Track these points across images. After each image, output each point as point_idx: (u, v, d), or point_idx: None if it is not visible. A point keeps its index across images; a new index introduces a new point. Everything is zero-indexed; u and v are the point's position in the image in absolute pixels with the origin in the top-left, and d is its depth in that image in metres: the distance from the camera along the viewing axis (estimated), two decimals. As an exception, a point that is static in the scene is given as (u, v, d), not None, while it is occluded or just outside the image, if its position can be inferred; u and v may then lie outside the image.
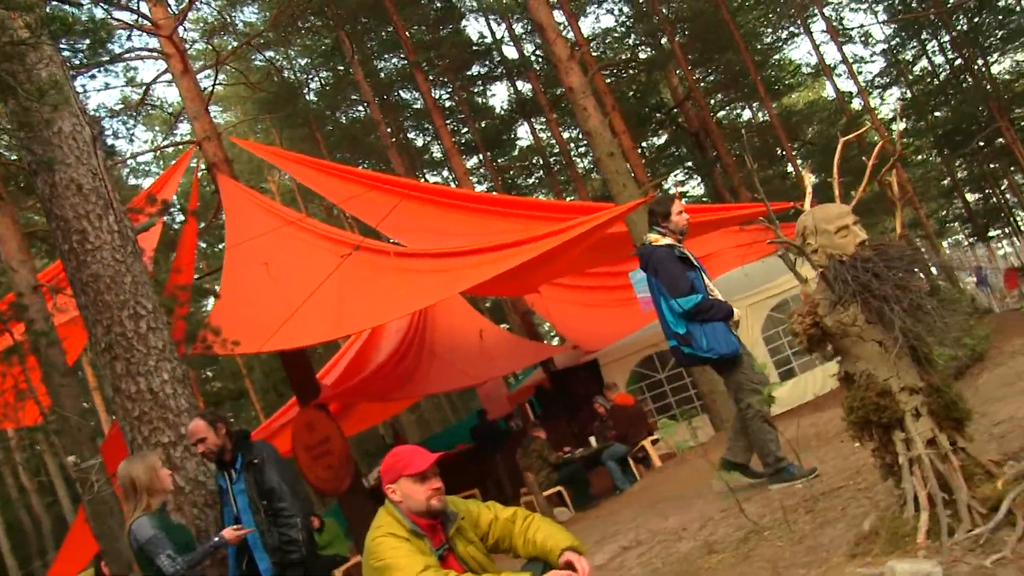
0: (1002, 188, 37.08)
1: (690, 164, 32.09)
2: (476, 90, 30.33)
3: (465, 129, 28.79)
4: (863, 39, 32.79)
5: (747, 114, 34.85)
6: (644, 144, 30.61)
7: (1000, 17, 29.26)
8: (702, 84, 27.90)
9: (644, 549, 5.26)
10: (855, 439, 3.14)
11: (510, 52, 28.21)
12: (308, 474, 9.64)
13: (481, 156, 29.43)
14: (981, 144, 31.31)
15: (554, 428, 12.82)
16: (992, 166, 34.89)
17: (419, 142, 30.91)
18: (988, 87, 29.73)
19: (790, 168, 29.23)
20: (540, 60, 25.73)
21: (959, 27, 29.65)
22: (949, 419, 2.90)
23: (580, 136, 28.39)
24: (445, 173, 31.50)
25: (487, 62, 28.67)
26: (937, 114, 32.33)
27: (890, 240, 3.21)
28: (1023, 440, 3.35)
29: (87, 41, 7.15)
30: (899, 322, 2.82)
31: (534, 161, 31.85)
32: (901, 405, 2.93)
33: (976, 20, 29.33)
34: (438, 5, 26.11)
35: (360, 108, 28.46)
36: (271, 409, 21.15)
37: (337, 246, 9.19)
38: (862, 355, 3.06)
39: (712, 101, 29.97)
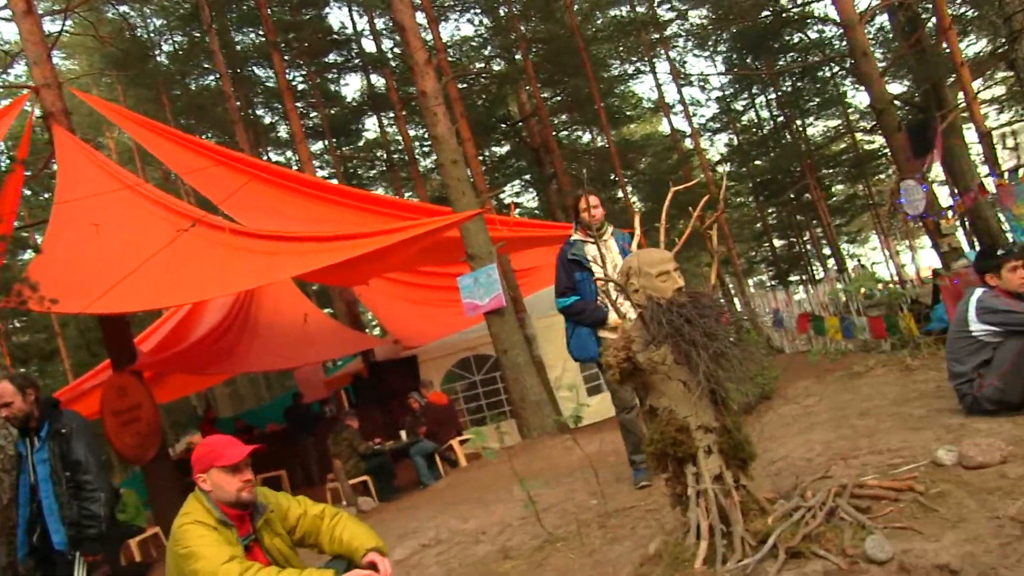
0: (804, 238, 40.16)
1: (528, 177, 32.76)
2: (330, 77, 29.83)
3: (314, 114, 28.25)
4: (701, 85, 34.67)
5: (587, 137, 36.03)
6: (486, 153, 31.03)
7: (818, 85, 31.86)
8: (548, 103, 28.55)
9: (443, 549, 5.40)
10: (652, 469, 3.39)
11: (368, 45, 27.99)
12: (114, 440, 9.29)
13: (326, 142, 28.94)
14: (791, 196, 33.88)
15: (367, 418, 12.85)
16: (799, 217, 37.77)
17: (267, 120, 30.07)
18: (803, 146, 32.29)
19: (620, 194, 30.50)
20: (396, 58, 25.64)
21: (784, 88, 32.06)
22: (736, 458, 3.18)
23: (426, 136, 28.42)
24: (289, 154, 30.75)
25: (345, 52, 28.22)
26: (757, 163, 34.74)
27: (704, 289, 3.50)
28: (795, 479, 3.71)
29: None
30: (704, 366, 3.05)
31: (378, 154, 31.57)
32: (696, 442, 3.17)
33: (799, 85, 31.80)
34: (303, -12, 25.51)
35: (211, 78, 27.28)
36: (82, 368, 19.94)
37: (174, 218, 8.88)
38: (667, 392, 3.27)
39: (556, 120, 30.71)
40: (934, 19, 18.53)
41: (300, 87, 27.44)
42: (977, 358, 4.49)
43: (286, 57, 23.72)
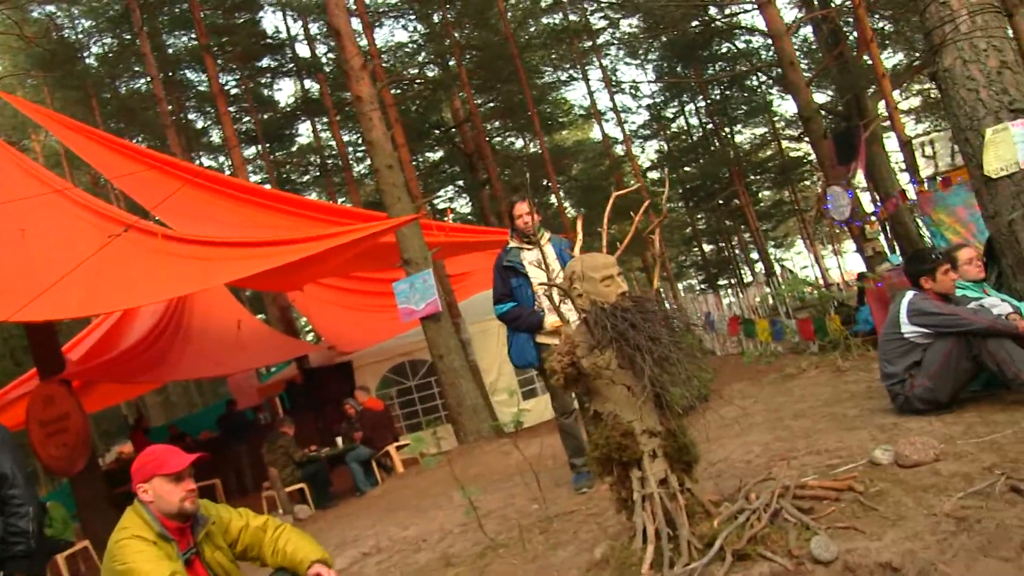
0: (733, 243, 40.98)
1: (461, 183, 32.71)
2: (263, 82, 29.38)
3: (247, 118, 27.83)
4: (632, 92, 35.10)
5: (520, 143, 36.13)
6: (419, 158, 30.90)
7: (745, 94, 32.61)
8: (482, 109, 28.57)
9: (383, 557, 5.32)
10: (597, 473, 3.38)
11: (302, 50, 27.68)
12: (40, 451, 8.98)
13: (259, 147, 28.53)
14: (720, 202, 34.56)
15: (302, 425, 12.68)
16: (727, 223, 38.52)
17: (199, 124, 29.48)
18: (731, 153, 32.97)
19: (553, 200, 30.67)
20: (330, 63, 25.40)
21: (713, 97, 32.71)
22: (681, 462, 3.20)
23: (359, 141, 28.17)
24: (222, 159, 30.14)
25: (278, 57, 27.90)
26: (687, 169, 35.36)
27: (646, 293, 3.51)
28: (737, 481, 3.75)
29: None
30: (648, 370, 3.06)
31: (311, 160, 31.17)
32: (641, 446, 3.16)
33: (727, 93, 32.50)
34: (237, -8, 25.07)
35: (142, 81, 26.75)
36: (6, 378, 19.21)
37: (105, 223, 8.60)
38: (611, 397, 3.25)
39: (489, 127, 30.73)
40: (856, 32, 19.13)
41: (233, 92, 26.99)
42: (908, 359, 4.62)
43: (219, 61, 23.29)
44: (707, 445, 5.16)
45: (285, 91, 67.59)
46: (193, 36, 24.21)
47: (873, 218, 12.31)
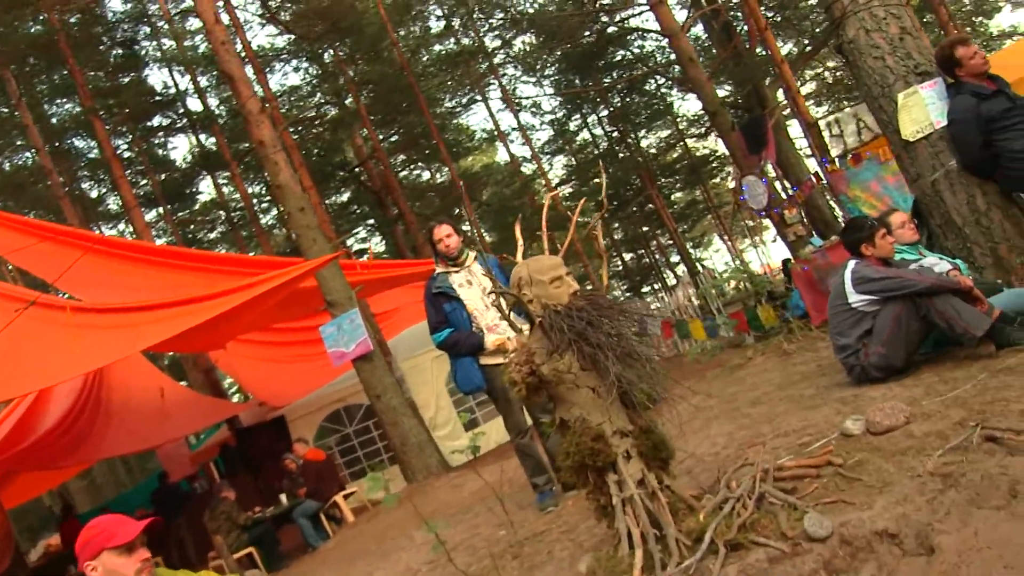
0: (652, 248, 41.52)
1: (372, 222, 32.38)
2: (157, 142, 28.57)
3: (144, 181, 26.94)
4: (533, 110, 35.33)
5: (427, 175, 36.01)
6: (327, 201, 30.46)
7: (646, 99, 33.15)
8: (385, 144, 28.38)
9: (352, 608, 5.10)
10: (571, 483, 3.22)
11: (194, 104, 27.04)
12: (-42, 555, 8.31)
13: (161, 209, 27.63)
14: (635, 209, 34.99)
15: (242, 487, 12.24)
16: (644, 229, 39.02)
17: (94, 193, 28.43)
18: (639, 158, 33.44)
19: (469, 226, 30.60)
20: (225, 114, 24.82)
21: (615, 104, 33.17)
22: (657, 459, 3.07)
23: (264, 191, 27.65)
24: (122, 226, 29.15)
25: (170, 113, 27.12)
26: (597, 180, 35.71)
27: (597, 291, 3.38)
28: (710, 474, 3.65)
29: None
30: (613, 368, 2.95)
31: (216, 215, 30.37)
32: (614, 448, 3.03)
33: (628, 99, 32.98)
34: (119, 51, 24.33)
35: (28, 154, 25.75)
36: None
37: (6, 301, 8.07)
38: (577, 401, 3.12)
39: (394, 161, 30.56)
40: (746, 26, 19.66)
41: (126, 155, 26.12)
42: (859, 329, 4.60)
43: (108, 125, 22.53)
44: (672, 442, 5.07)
45: (181, 148, 66.32)
46: (78, 101, 23.46)
47: (790, 203, 12.51)
